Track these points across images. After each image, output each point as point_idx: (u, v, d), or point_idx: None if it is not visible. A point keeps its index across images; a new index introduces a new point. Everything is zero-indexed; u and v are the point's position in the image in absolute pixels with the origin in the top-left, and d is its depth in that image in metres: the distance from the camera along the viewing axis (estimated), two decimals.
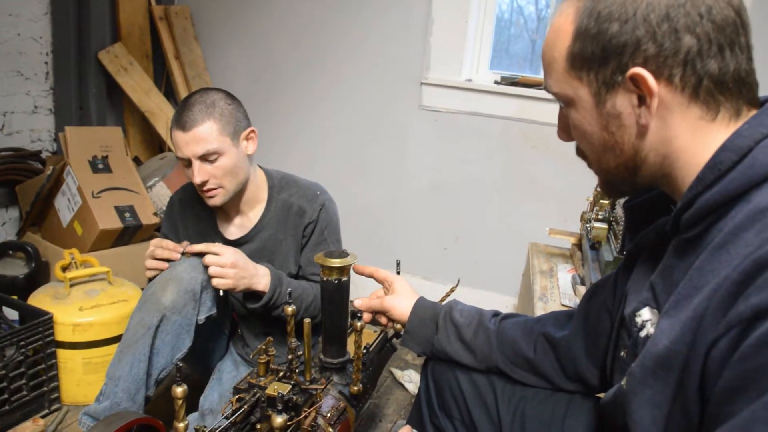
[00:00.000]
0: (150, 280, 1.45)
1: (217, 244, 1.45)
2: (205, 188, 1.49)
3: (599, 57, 0.67)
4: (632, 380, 0.69)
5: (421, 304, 1.13)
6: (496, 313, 1.09)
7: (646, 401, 0.67)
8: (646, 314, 0.74)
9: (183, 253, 1.43)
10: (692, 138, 0.66)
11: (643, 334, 0.73)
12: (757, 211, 0.59)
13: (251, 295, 1.50)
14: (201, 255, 1.43)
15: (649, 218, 0.81)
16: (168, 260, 1.43)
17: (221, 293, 1.46)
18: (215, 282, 1.41)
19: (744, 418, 0.52)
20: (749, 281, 0.55)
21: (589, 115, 0.71)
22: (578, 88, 0.71)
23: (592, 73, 0.69)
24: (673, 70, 0.64)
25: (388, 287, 1.20)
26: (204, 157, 1.45)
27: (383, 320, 1.19)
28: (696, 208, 0.65)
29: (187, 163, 1.47)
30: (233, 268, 1.41)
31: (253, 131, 1.55)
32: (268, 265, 1.52)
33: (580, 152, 0.78)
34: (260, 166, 1.66)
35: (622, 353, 0.81)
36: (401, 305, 1.14)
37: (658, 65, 0.64)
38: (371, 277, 1.23)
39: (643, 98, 0.66)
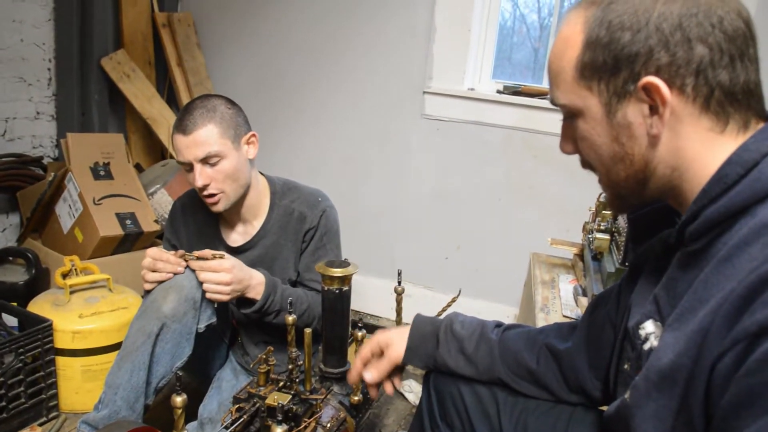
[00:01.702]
0: (147, 292, 1.44)
1: (217, 256, 1.43)
2: (206, 193, 1.49)
3: (611, 66, 0.67)
4: (636, 393, 0.69)
5: (419, 320, 1.11)
6: (498, 324, 1.08)
7: (650, 415, 0.66)
8: (649, 327, 0.73)
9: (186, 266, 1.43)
10: (701, 149, 0.66)
11: (646, 347, 0.73)
12: (762, 225, 0.59)
13: (245, 299, 1.50)
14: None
15: (653, 230, 0.81)
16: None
17: (215, 305, 1.45)
18: (210, 296, 1.41)
19: None
20: (755, 296, 0.55)
21: (599, 126, 0.70)
22: (587, 98, 0.70)
23: (602, 82, 0.68)
24: (685, 80, 0.64)
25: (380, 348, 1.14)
26: (205, 161, 1.45)
27: (393, 385, 1.13)
28: (701, 220, 0.65)
29: (189, 167, 1.47)
30: (229, 284, 1.40)
31: (254, 135, 1.55)
32: (264, 271, 1.52)
33: (586, 164, 0.77)
34: (262, 173, 1.66)
35: (625, 366, 0.81)
36: (397, 335, 1.10)
37: (670, 74, 0.64)
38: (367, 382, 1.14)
39: (654, 108, 0.66)
